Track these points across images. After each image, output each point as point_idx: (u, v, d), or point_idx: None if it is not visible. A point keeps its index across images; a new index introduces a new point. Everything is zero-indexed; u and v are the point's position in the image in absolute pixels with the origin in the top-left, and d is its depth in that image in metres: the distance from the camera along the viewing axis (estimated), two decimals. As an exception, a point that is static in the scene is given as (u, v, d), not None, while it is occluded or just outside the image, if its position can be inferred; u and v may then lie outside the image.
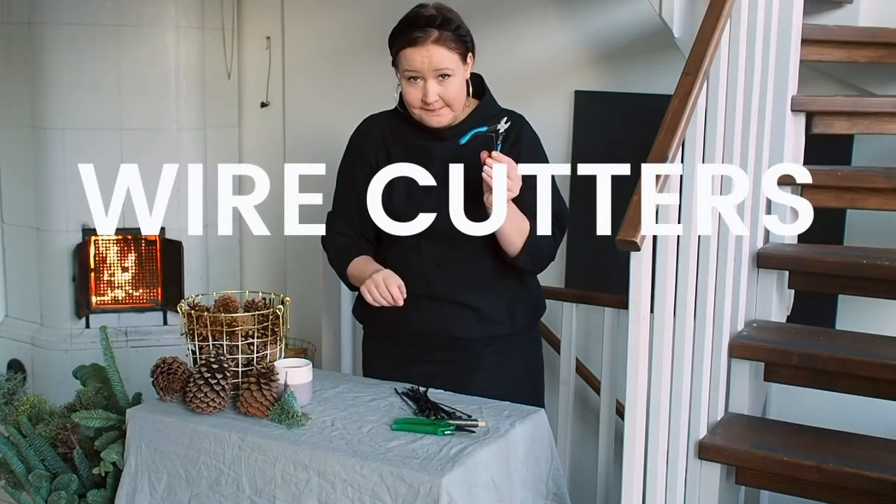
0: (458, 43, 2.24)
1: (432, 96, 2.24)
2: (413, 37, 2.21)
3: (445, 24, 2.22)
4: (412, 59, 2.22)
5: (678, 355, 2.10)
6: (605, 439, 3.13)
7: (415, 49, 2.21)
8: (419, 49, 2.21)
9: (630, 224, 1.88)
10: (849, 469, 2.08)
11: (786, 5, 2.49)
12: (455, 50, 2.23)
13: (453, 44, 2.23)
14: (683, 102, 2.04)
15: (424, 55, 2.21)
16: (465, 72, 2.29)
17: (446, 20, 2.22)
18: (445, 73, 2.23)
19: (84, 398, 2.35)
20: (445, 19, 2.22)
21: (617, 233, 1.89)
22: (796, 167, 2.54)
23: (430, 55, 2.21)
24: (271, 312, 2.26)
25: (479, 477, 1.96)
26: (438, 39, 2.21)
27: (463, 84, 2.29)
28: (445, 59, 2.22)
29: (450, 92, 2.25)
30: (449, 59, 2.23)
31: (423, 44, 2.20)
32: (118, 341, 3.95)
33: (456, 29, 2.24)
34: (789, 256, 2.46)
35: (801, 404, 2.84)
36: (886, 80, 2.88)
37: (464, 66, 2.28)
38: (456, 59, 2.24)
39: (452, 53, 2.23)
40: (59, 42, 3.96)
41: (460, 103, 2.30)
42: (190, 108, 4.14)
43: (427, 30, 2.20)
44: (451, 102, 2.27)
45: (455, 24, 2.24)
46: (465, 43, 2.26)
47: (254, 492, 2.05)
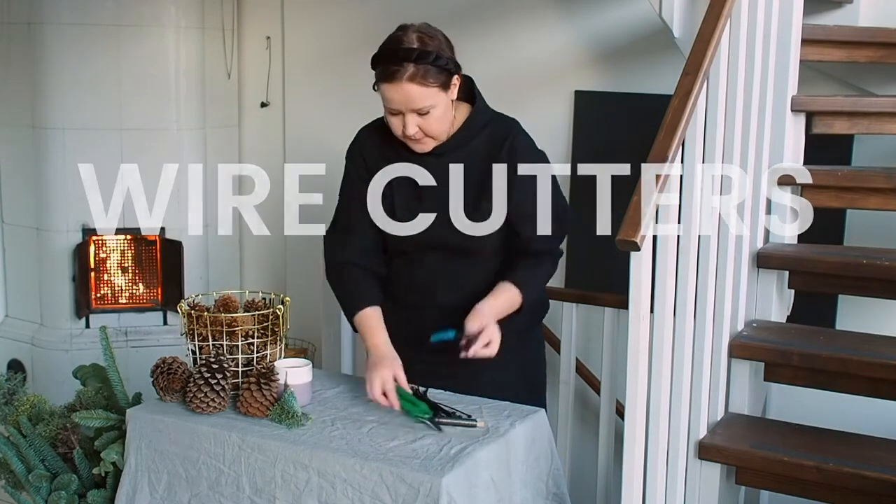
0: (437, 75, 2.15)
1: (410, 130, 2.19)
2: (389, 71, 2.14)
3: (423, 58, 2.12)
4: (389, 96, 2.16)
5: (678, 355, 2.10)
6: (605, 439, 3.13)
7: (390, 86, 2.14)
8: (395, 87, 2.14)
9: (630, 224, 1.88)
10: (849, 469, 2.08)
11: (786, 5, 2.49)
12: (434, 83, 2.15)
13: (432, 78, 2.14)
14: (683, 102, 2.04)
15: (400, 93, 2.14)
16: (449, 95, 2.21)
17: (424, 54, 2.12)
18: (424, 110, 2.17)
19: (84, 398, 2.35)
20: (423, 53, 2.12)
21: (617, 233, 1.90)
22: (796, 167, 2.54)
23: (405, 94, 2.14)
24: (271, 312, 2.26)
25: (479, 477, 1.96)
26: (414, 77, 2.12)
27: (447, 111, 2.22)
28: (421, 97, 2.15)
29: (430, 125, 2.20)
30: (425, 95, 2.15)
31: (398, 81, 2.13)
32: (118, 341, 3.95)
33: (435, 60, 2.14)
34: (789, 256, 2.46)
35: (801, 404, 2.84)
36: (886, 80, 2.88)
37: (446, 93, 2.20)
38: (434, 93, 2.16)
39: (430, 88, 2.15)
40: (59, 42, 3.96)
41: (443, 131, 2.25)
42: (190, 108, 4.14)
43: (404, 65, 2.12)
44: (432, 134, 2.23)
45: (433, 54, 2.14)
46: (445, 72, 2.17)
47: (254, 492, 2.05)
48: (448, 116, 2.24)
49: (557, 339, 3.30)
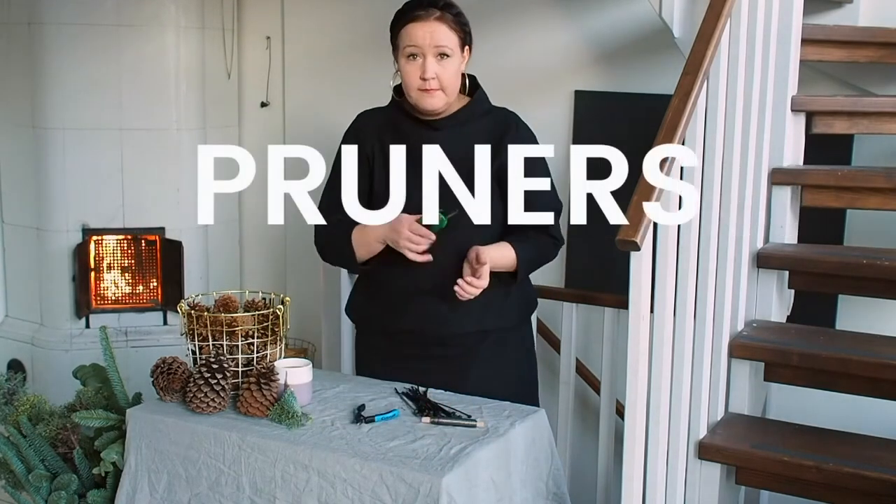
0: (459, 27, 2.32)
1: (430, 72, 2.29)
2: (416, 14, 2.30)
3: (448, 7, 2.31)
4: (414, 34, 2.29)
5: (678, 355, 2.10)
6: (605, 439, 3.13)
7: (417, 24, 2.29)
8: (421, 24, 2.28)
9: (630, 224, 1.88)
10: (849, 469, 2.08)
11: (786, 5, 2.49)
12: (455, 32, 2.31)
13: (455, 25, 2.31)
14: (683, 102, 2.04)
15: (426, 30, 2.28)
16: (462, 59, 2.35)
17: (449, 3, 2.32)
18: (444, 53, 2.29)
19: (84, 398, 2.35)
20: (448, 3, 2.32)
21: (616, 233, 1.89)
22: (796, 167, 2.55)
23: (431, 31, 2.28)
24: (271, 312, 2.26)
25: (479, 477, 1.96)
26: (441, 17, 2.29)
27: (459, 70, 2.35)
28: (446, 37, 2.29)
29: (447, 73, 2.30)
30: (449, 38, 2.30)
31: (425, 20, 2.28)
32: (118, 341, 3.94)
33: (458, 14, 2.33)
34: (789, 256, 2.46)
35: (801, 404, 2.84)
36: (886, 80, 2.88)
37: (461, 53, 2.34)
38: (456, 41, 2.31)
39: (453, 34, 2.30)
40: (59, 42, 3.96)
41: (455, 88, 2.35)
42: (190, 108, 4.14)
43: (430, 9, 2.29)
44: (446, 85, 2.32)
45: (457, 9, 2.33)
46: (465, 30, 2.34)
47: (254, 492, 2.05)
48: (458, 78, 2.35)
49: (557, 339, 3.30)
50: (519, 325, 2.49)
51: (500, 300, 2.40)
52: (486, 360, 2.41)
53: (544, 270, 2.66)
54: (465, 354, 2.39)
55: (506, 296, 2.41)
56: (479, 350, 2.40)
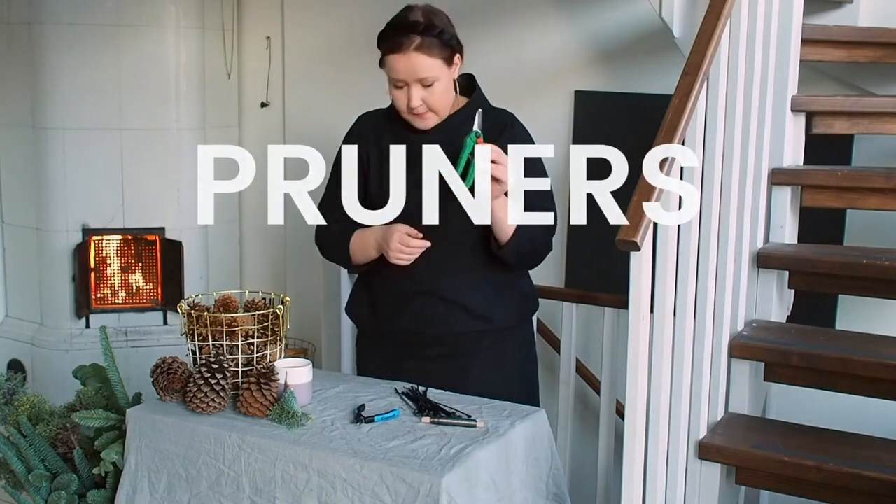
0: (442, 48, 2.24)
1: (415, 101, 2.26)
2: (396, 42, 2.22)
3: (429, 30, 2.21)
4: (395, 66, 2.24)
5: (678, 355, 2.09)
6: (605, 439, 3.12)
7: (397, 56, 2.23)
8: (401, 56, 2.22)
9: (630, 224, 1.88)
10: (849, 469, 2.08)
11: (786, 5, 2.49)
12: (438, 56, 2.23)
13: (437, 50, 2.23)
14: (683, 102, 2.04)
15: (406, 63, 2.22)
16: (451, 74, 2.30)
17: (430, 26, 2.22)
18: (428, 81, 2.24)
19: (84, 398, 2.35)
20: (429, 25, 2.22)
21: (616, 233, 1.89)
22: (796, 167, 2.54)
23: (411, 63, 2.22)
24: (271, 312, 2.26)
25: (479, 477, 1.96)
26: (421, 46, 2.21)
27: (448, 88, 2.30)
28: (427, 66, 2.23)
29: (434, 97, 2.27)
30: (431, 66, 2.23)
31: (405, 51, 2.21)
32: (118, 341, 3.94)
33: (440, 34, 2.23)
34: (789, 256, 2.46)
35: (801, 404, 2.84)
36: (886, 80, 2.88)
37: (449, 69, 2.28)
38: (439, 65, 2.25)
39: (435, 59, 2.23)
40: (59, 42, 3.96)
41: (445, 107, 2.32)
42: (190, 108, 4.14)
43: (410, 36, 2.21)
44: (435, 108, 2.29)
45: (439, 28, 2.23)
46: (449, 47, 2.26)
47: (254, 492, 2.05)
48: (449, 93, 2.31)
49: (557, 339, 3.30)
50: (520, 325, 2.49)
51: (500, 300, 2.40)
52: (486, 360, 2.41)
53: (544, 270, 2.66)
54: (465, 354, 2.40)
55: (506, 296, 2.42)
56: (479, 350, 2.40)
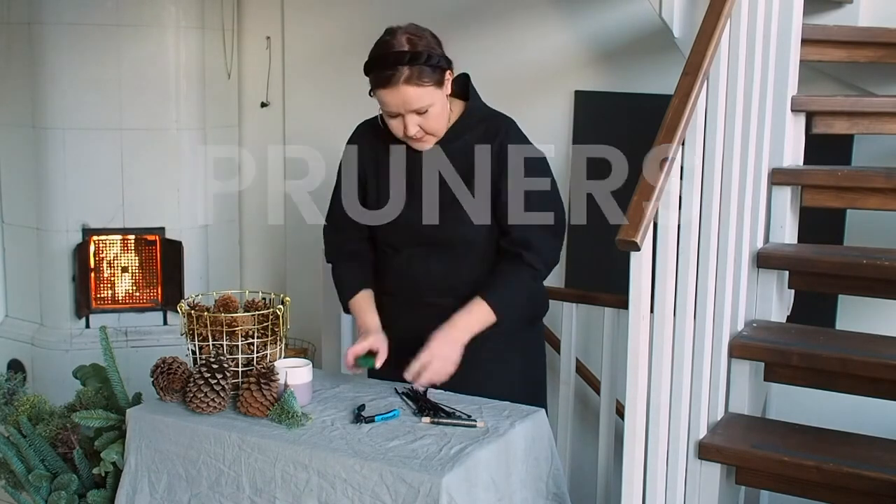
0: (431, 74, 2.19)
1: (412, 130, 2.23)
2: (384, 77, 2.17)
3: (415, 59, 2.16)
4: (386, 101, 2.20)
5: (678, 355, 2.09)
6: (605, 439, 3.13)
7: (387, 91, 2.18)
8: (391, 91, 2.18)
9: (630, 224, 1.88)
10: (849, 469, 2.08)
11: (786, 5, 2.49)
12: (428, 83, 2.19)
13: (426, 78, 2.18)
14: (683, 102, 2.03)
15: (397, 97, 2.18)
16: (444, 92, 2.25)
17: (416, 55, 2.16)
18: (423, 110, 2.21)
19: (84, 398, 2.35)
20: (415, 54, 2.16)
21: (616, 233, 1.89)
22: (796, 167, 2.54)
23: (402, 97, 2.18)
24: (271, 312, 2.26)
25: (479, 477, 1.95)
26: (409, 79, 2.16)
27: (444, 108, 2.26)
28: (419, 97, 2.18)
29: (430, 122, 2.24)
30: (423, 95, 2.18)
31: (394, 85, 2.17)
32: (118, 341, 3.95)
33: (427, 60, 2.17)
34: (789, 256, 2.46)
35: (801, 404, 2.84)
36: (886, 80, 2.88)
37: (441, 89, 2.24)
38: (430, 91, 2.20)
39: (426, 88, 2.19)
40: (59, 42, 3.96)
41: (443, 127, 2.29)
42: (190, 108, 4.14)
43: (398, 68, 2.15)
44: (432, 131, 2.27)
45: (425, 54, 2.17)
46: (438, 69, 2.21)
47: (254, 492, 2.05)
48: (445, 112, 2.28)
49: (557, 339, 3.30)
50: (527, 327, 2.48)
51: None
52: (490, 361, 2.39)
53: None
54: (468, 357, 2.39)
55: None
56: (483, 353, 2.39)
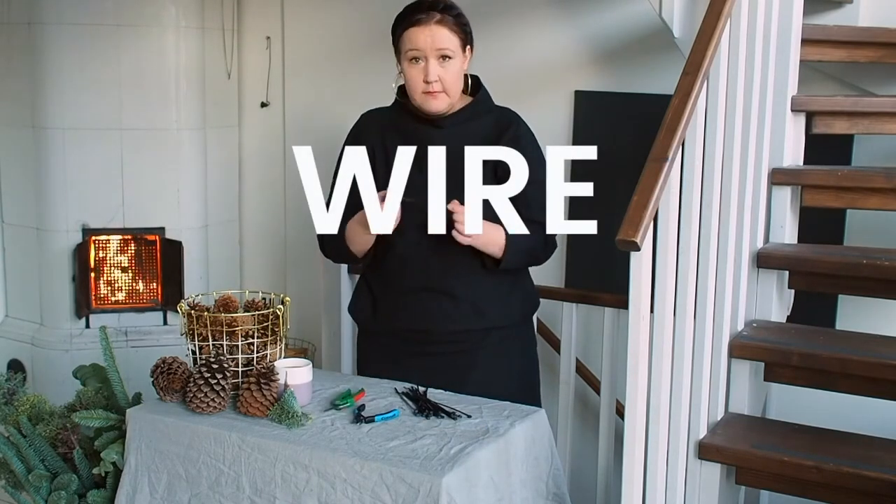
0: (460, 28, 2.34)
1: (433, 75, 2.31)
2: (416, 18, 2.31)
3: (448, 9, 2.33)
4: (415, 38, 2.31)
5: (678, 355, 2.09)
6: (605, 439, 3.13)
7: (418, 28, 2.31)
8: (422, 28, 2.30)
9: (630, 224, 1.88)
10: (849, 469, 2.08)
11: (786, 5, 2.49)
12: (456, 33, 2.33)
13: (455, 27, 2.33)
14: (683, 102, 2.03)
15: (427, 34, 2.30)
16: (464, 60, 2.37)
17: (449, 5, 2.34)
18: (446, 55, 2.31)
19: (84, 398, 2.35)
20: (448, 5, 2.34)
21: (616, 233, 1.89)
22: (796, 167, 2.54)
23: (432, 34, 2.30)
24: (271, 312, 2.26)
25: (479, 477, 1.96)
26: (441, 21, 2.31)
27: (461, 71, 2.37)
28: (447, 39, 2.31)
29: (449, 75, 2.33)
30: (450, 40, 2.32)
31: (426, 24, 2.30)
32: (118, 341, 3.94)
33: (458, 15, 2.35)
34: (789, 256, 2.46)
35: (801, 404, 2.84)
36: (886, 80, 2.88)
37: (463, 53, 2.36)
38: (457, 43, 2.33)
39: (454, 36, 2.32)
40: (59, 42, 3.96)
41: (457, 89, 2.37)
42: (190, 108, 4.14)
43: (430, 12, 2.31)
44: (448, 87, 2.34)
45: (457, 10, 2.35)
46: (465, 30, 2.36)
47: (254, 492, 2.05)
48: (461, 78, 2.38)
49: (557, 339, 3.30)
50: (521, 324, 2.50)
51: (503, 297, 2.41)
52: (488, 359, 2.41)
53: (544, 270, 2.66)
54: (468, 351, 2.40)
55: (509, 293, 2.42)
56: (483, 347, 2.40)
